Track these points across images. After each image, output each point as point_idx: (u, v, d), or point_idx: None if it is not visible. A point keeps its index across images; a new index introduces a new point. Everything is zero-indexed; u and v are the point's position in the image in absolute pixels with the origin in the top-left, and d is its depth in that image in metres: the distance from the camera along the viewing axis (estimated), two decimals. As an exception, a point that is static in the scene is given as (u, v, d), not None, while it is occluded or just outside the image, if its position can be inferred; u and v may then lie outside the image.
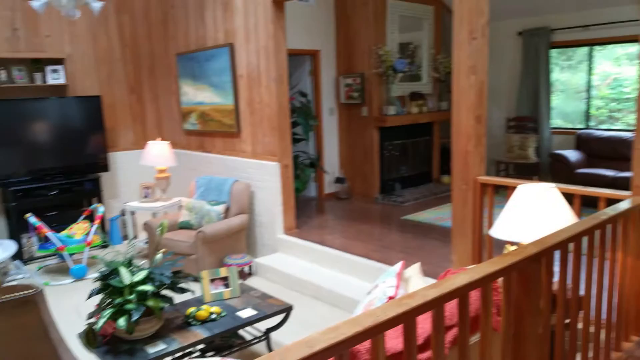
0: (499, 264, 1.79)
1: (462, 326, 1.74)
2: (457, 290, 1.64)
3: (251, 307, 3.23)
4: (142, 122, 6.62)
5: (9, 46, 5.52)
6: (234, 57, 5.19)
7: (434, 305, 1.58)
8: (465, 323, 1.73)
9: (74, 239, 5.09)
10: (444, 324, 1.68)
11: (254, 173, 5.15)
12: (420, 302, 1.54)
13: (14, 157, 5.41)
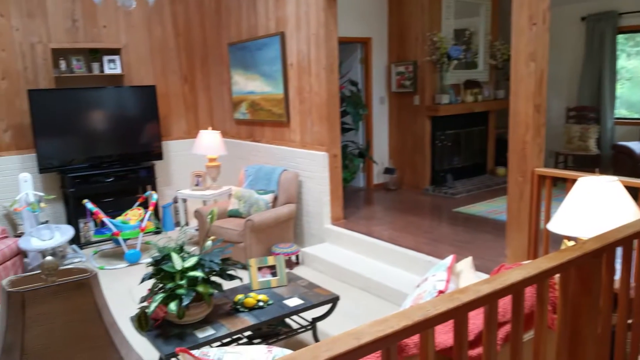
0: (556, 260, 1.69)
1: (515, 323, 1.66)
2: (512, 286, 1.56)
3: (298, 296, 3.22)
4: (195, 111, 6.75)
5: (69, 37, 5.73)
6: (285, 45, 5.17)
7: (487, 301, 1.52)
8: (519, 320, 1.65)
9: (129, 224, 5.26)
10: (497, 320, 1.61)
11: (302, 162, 5.14)
12: (473, 297, 1.48)
13: (73, 145, 5.63)
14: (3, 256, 4.37)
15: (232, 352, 1.97)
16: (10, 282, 1.15)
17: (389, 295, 4.02)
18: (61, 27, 5.68)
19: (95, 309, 1.17)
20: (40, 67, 5.61)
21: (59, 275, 1.23)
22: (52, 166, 5.53)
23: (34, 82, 5.59)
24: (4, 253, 4.39)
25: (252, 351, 1.97)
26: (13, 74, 5.47)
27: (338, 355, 1.24)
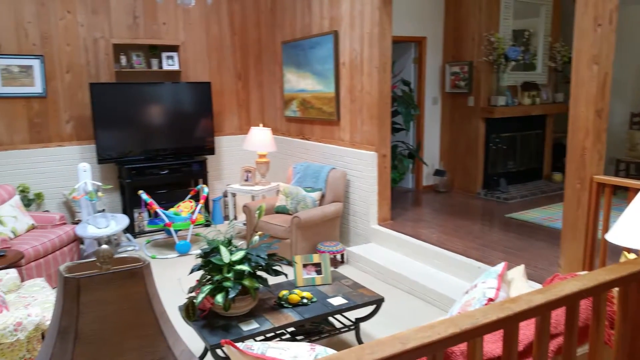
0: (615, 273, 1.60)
1: (568, 336, 1.59)
2: (566, 298, 1.50)
3: (342, 295, 3.21)
4: (247, 108, 6.85)
5: (130, 33, 5.95)
6: (338, 44, 5.17)
7: (540, 312, 1.47)
8: (572, 334, 1.58)
9: (180, 216, 5.41)
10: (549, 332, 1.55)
11: (351, 161, 5.13)
12: (525, 307, 1.43)
13: (130, 137, 5.84)
14: (60, 242, 4.59)
15: (276, 347, 1.98)
16: (67, 268, 1.20)
17: (435, 299, 3.95)
18: (123, 23, 5.90)
19: (146, 297, 1.20)
20: (102, 62, 5.85)
21: (113, 263, 1.27)
22: (110, 157, 5.75)
23: (95, 76, 5.83)
24: (61, 239, 4.61)
25: (295, 348, 1.98)
26: (76, 68, 5.73)
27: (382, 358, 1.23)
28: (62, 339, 1.15)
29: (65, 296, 1.16)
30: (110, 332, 1.17)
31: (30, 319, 2.75)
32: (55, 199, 5.75)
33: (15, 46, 5.38)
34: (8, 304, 3.00)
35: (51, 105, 5.65)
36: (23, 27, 5.39)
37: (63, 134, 5.74)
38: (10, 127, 5.46)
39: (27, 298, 3.23)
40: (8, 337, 2.67)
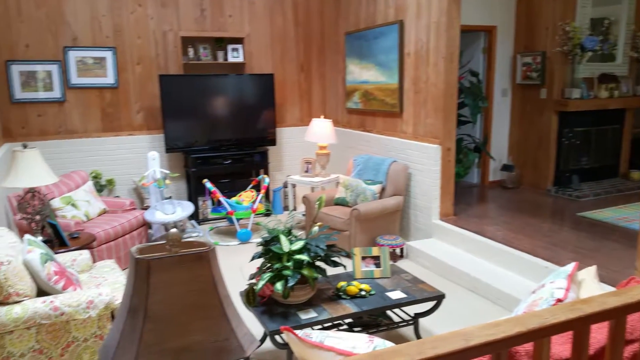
0: None
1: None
2: (647, 302, 1.39)
3: (401, 289, 3.15)
4: (308, 100, 6.87)
5: (197, 26, 6.10)
6: (403, 34, 5.06)
7: (614, 315, 1.39)
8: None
9: (242, 205, 5.52)
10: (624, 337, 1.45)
11: (413, 155, 5.02)
12: (597, 309, 1.36)
13: (196, 128, 6.01)
14: (130, 226, 4.80)
15: (334, 336, 1.97)
16: (138, 250, 1.24)
17: (498, 298, 3.81)
18: (191, 16, 6.06)
19: (212, 281, 1.22)
20: (170, 54, 6.04)
21: (181, 247, 1.29)
22: (177, 147, 5.95)
23: (164, 67, 6.03)
24: (131, 223, 4.81)
25: (353, 338, 1.96)
26: (147, 60, 5.95)
27: (444, 354, 1.20)
28: (132, 317, 1.18)
29: (136, 276, 1.19)
30: (177, 312, 1.19)
31: (101, 297, 2.89)
32: (126, 185, 6.02)
33: (90, 38, 5.66)
34: (81, 283, 3.17)
35: (122, 96, 5.90)
36: (97, 20, 5.66)
37: (134, 124, 5.99)
38: (84, 116, 5.76)
39: (98, 278, 3.40)
40: (81, 313, 2.82)
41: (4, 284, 2.66)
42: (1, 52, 5.32)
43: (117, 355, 1.17)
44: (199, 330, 1.21)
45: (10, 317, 2.65)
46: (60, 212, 4.50)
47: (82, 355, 2.89)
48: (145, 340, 1.16)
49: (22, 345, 2.73)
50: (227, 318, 1.25)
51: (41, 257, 2.90)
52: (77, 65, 5.63)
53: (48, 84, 5.55)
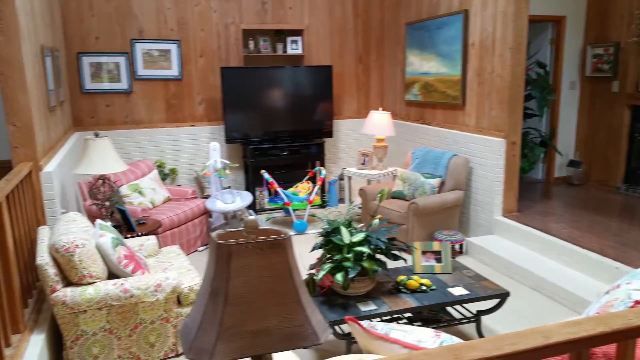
0: None
1: None
2: None
3: (463, 285, 3.09)
4: (366, 92, 6.83)
5: (258, 18, 6.17)
6: (467, 24, 4.93)
7: None
8: None
9: (298, 196, 5.56)
10: None
11: (475, 148, 4.89)
12: None
13: (254, 119, 6.10)
14: (192, 214, 4.94)
15: (399, 329, 1.95)
16: (218, 236, 1.26)
17: (563, 298, 3.66)
18: (252, 9, 6.14)
19: (287, 268, 1.23)
20: (231, 47, 6.14)
21: (258, 234, 1.31)
22: (236, 138, 6.06)
23: (225, 60, 6.15)
24: (193, 211, 4.95)
25: (419, 332, 1.93)
26: (209, 52, 6.08)
27: (523, 350, 1.16)
28: (213, 299, 1.21)
29: (217, 261, 1.22)
30: (254, 297, 1.21)
31: (168, 281, 2.99)
32: (187, 174, 6.20)
33: (156, 31, 5.84)
34: (149, 267, 3.29)
35: (186, 88, 6.06)
36: (163, 13, 5.83)
37: (195, 115, 6.15)
38: (150, 107, 5.96)
39: (165, 263, 3.52)
40: (149, 296, 2.93)
41: (79, 265, 2.80)
42: (73, 45, 5.58)
43: (199, 336, 1.20)
44: (274, 316, 1.23)
45: (84, 298, 2.79)
46: (127, 199, 4.69)
47: (148, 336, 3.01)
48: (225, 323, 1.19)
49: (94, 325, 2.87)
50: (302, 305, 1.26)
51: (112, 241, 3.04)
52: (143, 57, 5.83)
53: (116, 76, 5.78)
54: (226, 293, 1.20)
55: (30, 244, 3.27)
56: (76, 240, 2.80)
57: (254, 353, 1.21)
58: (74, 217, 3.18)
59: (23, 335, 2.73)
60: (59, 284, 2.78)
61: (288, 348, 1.25)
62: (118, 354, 2.96)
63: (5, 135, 4.98)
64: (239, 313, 1.20)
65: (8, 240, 2.66)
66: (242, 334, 1.20)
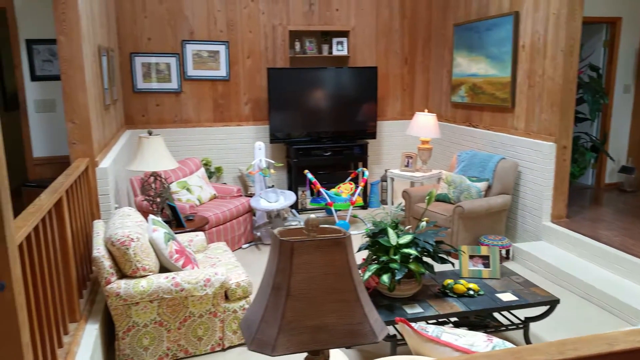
0: None
1: None
2: None
3: (511, 291, 3.03)
4: (410, 93, 6.78)
5: (305, 20, 6.23)
6: (518, 26, 4.83)
7: None
8: None
9: (341, 197, 5.58)
10: None
11: (524, 152, 4.79)
12: None
13: (299, 120, 6.16)
14: (237, 212, 5.03)
15: (450, 332, 1.94)
16: (279, 232, 1.29)
17: (614, 308, 3.54)
18: (299, 10, 6.20)
19: (347, 266, 1.25)
20: (278, 48, 6.22)
21: (319, 232, 1.34)
22: (280, 138, 6.13)
23: (272, 61, 6.23)
24: (238, 209, 5.04)
25: (470, 336, 1.92)
26: (256, 53, 6.18)
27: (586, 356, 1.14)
28: (275, 293, 1.24)
29: (280, 256, 1.25)
30: (315, 293, 1.24)
31: (217, 277, 3.06)
32: (231, 173, 6.32)
33: (206, 33, 5.97)
34: (197, 262, 3.37)
35: (233, 88, 6.18)
36: (213, 15, 5.96)
37: (241, 115, 6.26)
38: (198, 107, 6.11)
39: (212, 259, 3.60)
40: (199, 290, 3.01)
41: (133, 259, 2.91)
42: (127, 45, 5.78)
43: (261, 329, 1.23)
44: (334, 312, 1.25)
45: (137, 290, 2.89)
46: (176, 196, 4.82)
47: (196, 330, 3.09)
48: (287, 317, 1.22)
49: (146, 317, 2.97)
50: (361, 303, 1.28)
51: (165, 236, 3.13)
52: (193, 58, 5.98)
53: (166, 76, 5.95)
54: (288, 288, 1.23)
55: (85, 237, 3.41)
56: (131, 234, 2.90)
57: (314, 347, 1.24)
58: (128, 211, 3.30)
59: (79, 324, 2.85)
60: (114, 276, 2.89)
61: (347, 344, 1.27)
62: (167, 345, 3.05)
63: (60, 132, 5.21)
64: (300, 308, 1.23)
65: (67, 233, 2.79)
66: (302, 328, 1.23)
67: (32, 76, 5.01)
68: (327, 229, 1.38)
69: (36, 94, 5.06)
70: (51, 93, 5.11)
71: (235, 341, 3.21)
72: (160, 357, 3.05)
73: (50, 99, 5.12)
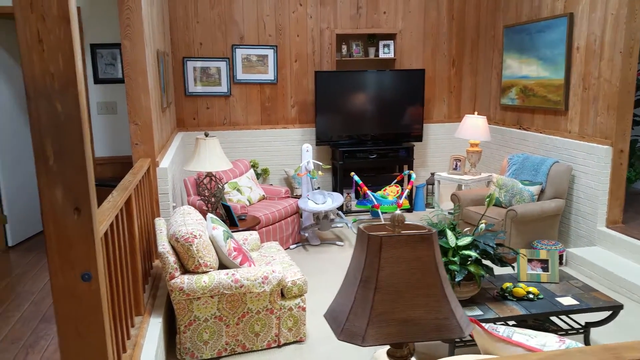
0: None
1: None
2: None
3: (571, 296, 2.98)
4: (457, 96, 6.73)
5: (352, 23, 6.28)
6: (572, 27, 4.74)
7: None
8: None
9: (387, 199, 5.58)
10: None
11: (578, 155, 4.69)
12: None
13: (345, 122, 6.20)
14: (286, 212, 5.10)
15: (522, 333, 1.94)
16: (365, 228, 1.33)
17: (680, 318, 3.43)
18: (347, 14, 6.25)
19: (434, 261, 1.28)
20: (325, 51, 6.29)
21: (405, 228, 1.37)
22: (326, 140, 6.19)
23: (319, 64, 6.30)
24: (286, 210, 5.12)
25: (542, 337, 1.91)
26: (303, 57, 6.26)
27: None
28: (364, 287, 1.28)
29: (368, 251, 1.29)
30: (403, 287, 1.27)
31: (274, 274, 3.13)
32: (278, 174, 6.41)
33: (255, 37, 6.09)
34: (253, 260, 3.45)
35: (280, 91, 6.28)
36: (262, 20, 6.07)
37: (288, 117, 6.35)
38: (246, 110, 6.23)
39: (267, 257, 3.67)
40: (257, 287, 3.08)
41: (196, 255, 3.00)
42: (180, 50, 5.95)
43: (350, 320, 1.27)
44: (421, 307, 1.28)
45: (199, 285, 2.98)
46: (227, 196, 4.94)
47: (254, 325, 3.17)
48: (376, 309, 1.25)
49: (206, 311, 3.06)
50: (447, 298, 1.30)
51: (224, 234, 3.22)
52: (242, 62, 6.11)
53: (217, 79, 6.10)
54: (377, 281, 1.27)
55: (147, 233, 3.54)
56: (194, 232, 3.00)
57: (403, 340, 1.27)
58: (188, 210, 3.40)
59: (143, 317, 2.96)
60: (177, 271, 2.99)
61: (434, 338, 1.30)
62: (226, 340, 3.13)
63: (120, 133, 5.41)
64: (388, 301, 1.27)
65: (135, 229, 2.91)
66: (391, 321, 1.26)
67: (95, 79, 5.23)
68: (410, 225, 1.41)
69: (99, 96, 5.28)
70: (113, 95, 5.32)
71: (290, 338, 3.27)
72: (219, 351, 3.13)
73: (112, 101, 5.33)
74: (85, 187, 1.57)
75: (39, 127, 1.53)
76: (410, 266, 1.28)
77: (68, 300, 1.67)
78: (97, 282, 1.72)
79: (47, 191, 1.56)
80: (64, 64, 1.52)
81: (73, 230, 1.60)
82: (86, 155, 1.57)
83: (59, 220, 1.58)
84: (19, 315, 3.59)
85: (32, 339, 3.25)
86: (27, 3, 1.48)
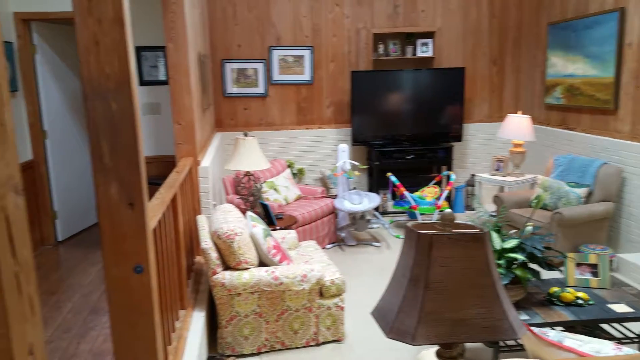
0: None
1: None
2: None
3: (625, 303, 2.85)
4: (499, 95, 6.57)
5: (389, 22, 6.21)
6: (624, 22, 4.55)
7: None
8: None
9: (425, 200, 5.50)
10: None
11: (629, 157, 4.49)
12: None
13: (380, 122, 6.13)
14: (322, 212, 5.08)
15: (573, 338, 1.86)
16: (414, 226, 1.29)
17: None
18: (384, 13, 6.19)
19: (486, 262, 1.23)
20: (361, 51, 6.24)
21: (456, 227, 1.33)
22: (362, 140, 6.14)
23: (355, 64, 6.26)
24: (322, 210, 5.10)
25: (595, 343, 1.82)
26: (339, 57, 6.23)
27: None
28: (413, 285, 1.24)
29: (418, 250, 1.25)
30: (454, 286, 1.23)
31: (313, 273, 3.11)
32: (313, 174, 6.40)
33: (291, 38, 6.11)
34: (292, 259, 3.45)
35: (316, 92, 6.27)
36: (299, 21, 6.08)
37: (323, 118, 6.33)
38: (282, 110, 6.25)
39: (305, 256, 3.66)
40: (296, 285, 3.07)
41: (237, 252, 3.02)
42: (219, 52, 6.02)
43: (399, 318, 1.24)
44: (473, 307, 1.23)
45: (240, 281, 2.99)
46: (264, 195, 4.96)
47: (293, 323, 3.15)
48: (426, 308, 1.22)
49: (247, 307, 3.07)
50: (500, 300, 1.25)
51: (263, 232, 3.23)
52: (279, 64, 6.14)
53: (254, 81, 6.14)
54: (427, 280, 1.22)
55: (189, 230, 3.58)
56: (236, 229, 3.01)
57: (453, 340, 1.22)
58: (229, 208, 3.43)
59: (187, 311, 2.99)
60: (219, 267, 3.01)
61: (486, 339, 1.24)
62: (265, 336, 3.13)
63: (163, 133, 5.51)
64: (439, 300, 1.22)
65: (180, 225, 2.94)
66: (441, 320, 1.22)
67: (140, 81, 5.35)
68: (461, 225, 1.36)
69: (143, 97, 5.40)
70: (157, 97, 5.43)
71: (329, 337, 3.24)
72: (259, 347, 3.14)
73: (156, 102, 5.44)
74: (139, 183, 1.60)
75: (96, 125, 1.56)
76: (462, 266, 1.24)
77: (121, 292, 1.71)
78: (149, 274, 1.75)
79: (102, 187, 1.59)
80: (119, 64, 1.55)
81: (127, 225, 1.64)
82: (139, 152, 1.60)
83: (113, 214, 1.62)
84: (70, 305, 3.71)
85: (83, 330, 3.35)
86: (85, 7, 1.51)
